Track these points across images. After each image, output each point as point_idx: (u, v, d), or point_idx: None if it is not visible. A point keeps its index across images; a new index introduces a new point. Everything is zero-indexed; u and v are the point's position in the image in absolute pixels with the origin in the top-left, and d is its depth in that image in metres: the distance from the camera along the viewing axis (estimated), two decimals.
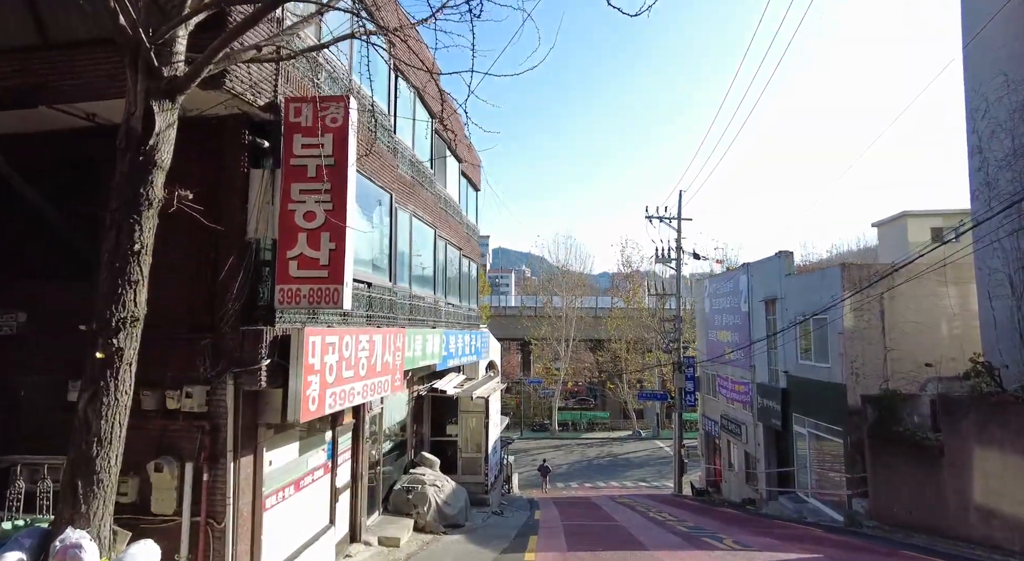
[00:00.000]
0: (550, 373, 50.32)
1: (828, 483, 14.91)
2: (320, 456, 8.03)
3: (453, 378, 15.03)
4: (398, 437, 11.95)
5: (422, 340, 10.96)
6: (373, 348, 7.90)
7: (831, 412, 14.04)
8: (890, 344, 13.36)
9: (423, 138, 12.49)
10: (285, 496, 6.88)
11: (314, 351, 6.19)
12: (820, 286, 14.66)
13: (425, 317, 11.89)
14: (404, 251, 10.75)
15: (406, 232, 10.85)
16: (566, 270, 52.96)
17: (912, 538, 10.14)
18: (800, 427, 16.04)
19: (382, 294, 9.07)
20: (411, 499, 10.67)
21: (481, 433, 13.87)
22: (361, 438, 9.30)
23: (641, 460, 38.07)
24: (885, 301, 13.46)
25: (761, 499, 18.57)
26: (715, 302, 23.76)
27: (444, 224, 14.00)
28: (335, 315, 7.43)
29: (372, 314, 8.62)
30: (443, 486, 11.48)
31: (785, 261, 17.18)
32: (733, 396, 21.30)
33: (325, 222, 5.95)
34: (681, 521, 13.12)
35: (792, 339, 16.09)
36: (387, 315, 9.26)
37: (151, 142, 4.56)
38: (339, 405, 6.84)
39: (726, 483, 23.10)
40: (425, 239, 12.33)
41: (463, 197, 17.24)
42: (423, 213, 11.88)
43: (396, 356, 8.92)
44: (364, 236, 8.62)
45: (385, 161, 9.29)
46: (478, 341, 17.40)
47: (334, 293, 5.89)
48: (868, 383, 13.25)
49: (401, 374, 9.10)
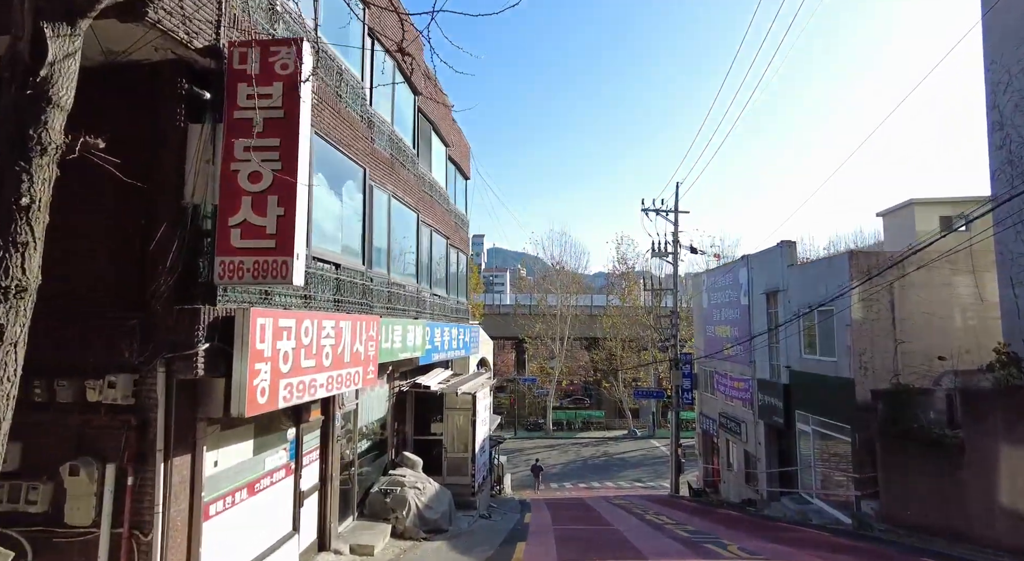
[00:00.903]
0: (544, 372, 49.56)
1: (833, 483, 14.18)
2: (281, 456, 7.20)
3: (439, 374, 14.21)
4: (377, 436, 11.12)
5: (402, 331, 10.14)
6: (340, 336, 7.08)
7: (838, 408, 13.30)
8: (900, 336, 12.62)
9: (406, 116, 11.66)
10: (235, 501, 6.05)
11: (263, 335, 5.36)
12: (826, 276, 13.92)
13: (406, 307, 11.06)
14: (382, 234, 9.92)
15: (384, 214, 10.02)
16: (561, 267, 52.13)
17: (931, 544, 9.39)
18: (804, 425, 15.31)
19: (353, 278, 8.24)
20: (389, 503, 9.85)
21: (468, 432, 13.05)
22: (331, 436, 8.47)
23: (637, 460, 37.32)
24: (895, 291, 12.73)
25: (762, 500, 17.82)
26: (713, 296, 23.02)
27: (429, 210, 13.18)
28: (295, 297, 6.60)
29: (341, 299, 7.79)
30: (425, 488, 10.66)
31: (788, 251, 16.45)
32: (732, 393, 20.56)
33: (273, 184, 5.11)
34: (680, 525, 12.34)
35: (795, 332, 15.35)
36: (360, 301, 8.43)
37: (43, 73, 3.70)
38: (297, 398, 6.01)
39: (724, 483, 22.36)
40: (407, 224, 11.50)
41: (451, 184, 16.41)
42: (404, 195, 11.06)
43: (369, 346, 8.10)
44: (332, 213, 7.79)
45: (357, 131, 8.47)
46: (466, 335, 16.58)
47: (282, 267, 5.06)
48: (878, 378, 12.51)
49: (375, 366, 8.28)
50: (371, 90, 9.52)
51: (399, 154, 10.81)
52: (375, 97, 9.82)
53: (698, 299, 25.94)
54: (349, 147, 8.14)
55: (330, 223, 7.67)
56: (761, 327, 17.69)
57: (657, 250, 26.61)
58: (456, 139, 16.72)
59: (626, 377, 46.73)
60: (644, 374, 46.75)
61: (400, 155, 10.87)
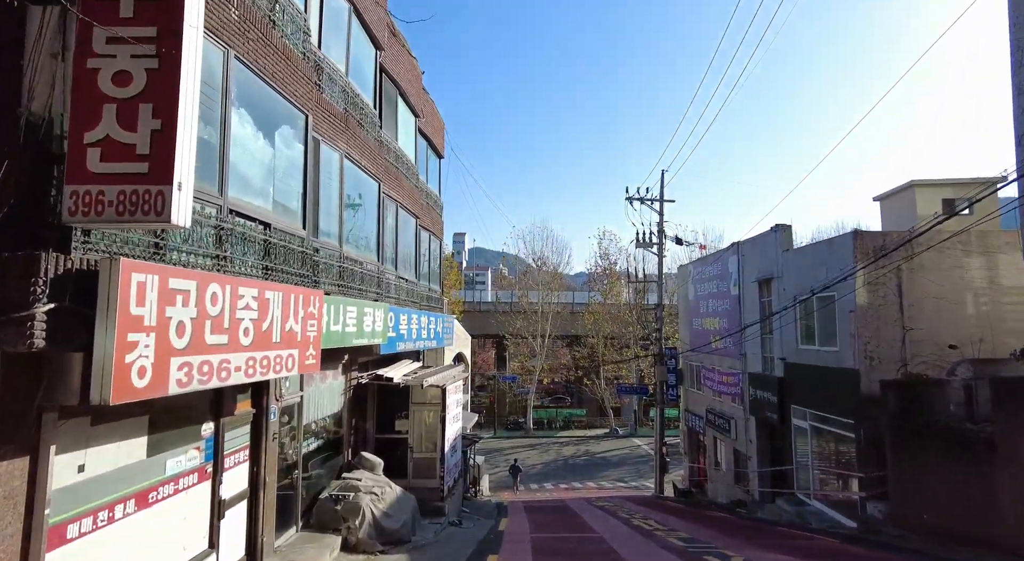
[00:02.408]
0: (526, 370, 48.33)
1: (834, 483, 13.15)
2: (192, 457, 5.82)
3: (406, 366, 12.86)
4: (329, 434, 9.75)
5: (357, 313, 8.79)
6: (267, 309, 5.72)
7: (840, 402, 12.26)
8: (909, 323, 11.61)
9: (364, 71, 10.30)
10: (114, 517, 4.66)
11: (142, 297, 3.99)
12: (827, 259, 12.87)
13: (364, 287, 9.71)
14: (331, 199, 8.57)
15: (335, 176, 8.67)
16: (542, 263, 50.91)
17: (955, 553, 8.32)
18: (800, 420, 14.27)
19: (289, 243, 6.88)
20: (340, 510, 8.49)
21: (437, 429, 11.72)
22: (265, 433, 7.09)
23: (619, 459, 36.28)
24: (903, 274, 11.71)
25: (753, 501, 16.78)
26: (700, 288, 21.97)
27: (394, 182, 11.83)
28: (204, 256, 5.24)
29: (272, 266, 6.43)
30: (384, 493, 9.31)
31: (783, 235, 15.41)
32: (720, 389, 19.52)
33: (147, 88, 3.76)
34: (671, 531, 11.15)
35: (791, 322, 14.30)
36: (299, 272, 7.07)
37: None
38: (200, 383, 4.64)
39: (712, 483, 21.32)
40: (365, 192, 10.15)
41: (422, 161, 15.07)
42: (362, 159, 9.70)
43: (309, 326, 6.74)
44: (260, 161, 6.43)
45: (297, 70, 7.10)
46: (439, 325, 15.24)
47: (156, 199, 3.71)
48: (884, 368, 11.48)
49: (317, 351, 6.93)
50: (320, 30, 8.16)
51: (355, 111, 9.45)
52: (326, 41, 8.47)
53: (684, 291, 24.89)
54: (285, 85, 6.78)
55: (257, 172, 6.30)
56: (752, 318, 16.64)
57: (641, 241, 25.53)
58: (428, 112, 15.38)
59: (608, 374, 45.71)
60: (626, 371, 45.82)
61: (357, 112, 9.51)
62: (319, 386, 9.08)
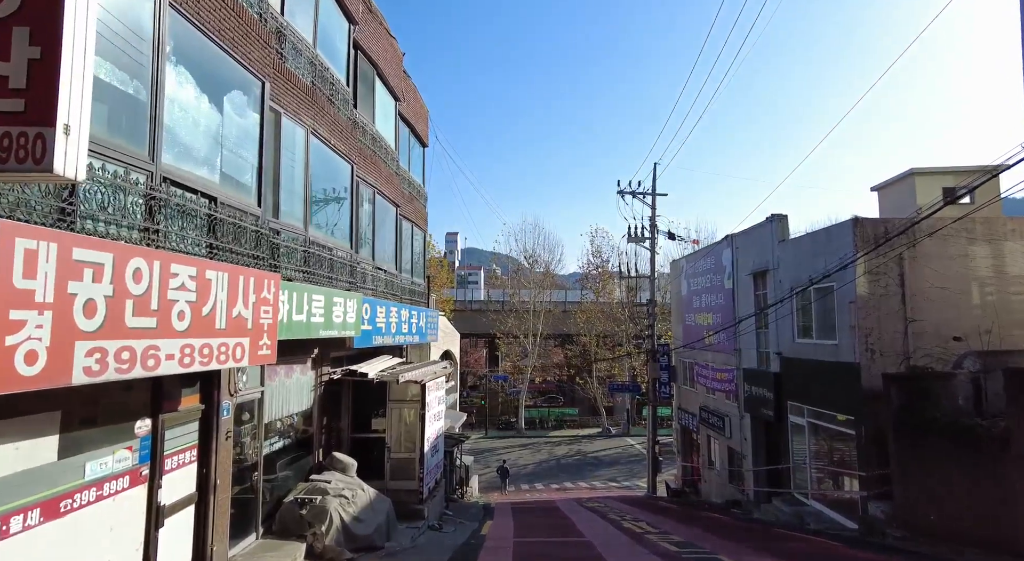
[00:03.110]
0: (518, 369, 47.66)
1: (833, 482, 12.61)
2: (121, 459, 5.15)
3: (384, 361, 12.20)
4: (297, 433, 9.08)
5: (325, 302, 8.14)
6: (208, 291, 5.06)
7: (839, 398, 11.71)
8: (912, 314, 11.08)
9: (336, 44, 9.64)
10: (9, 530, 3.99)
11: (32, 267, 3.34)
12: (825, 249, 12.32)
13: (334, 275, 9.05)
14: (295, 177, 7.91)
15: (299, 153, 8.02)
16: (534, 260, 50.25)
17: (963, 555, 7.77)
18: (797, 417, 13.72)
19: (241, 221, 6.22)
20: (305, 515, 7.83)
21: (417, 428, 11.07)
22: (216, 431, 6.42)
23: (611, 458, 35.72)
24: (905, 263, 11.18)
25: (748, 501, 16.23)
26: (693, 282, 21.42)
27: (370, 167, 11.17)
28: (129, 228, 4.58)
29: (218, 244, 5.77)
30: (355, 496, 8.66)
31: (779, 226, 14.86)
32: (714, 385, 18.97)
33: (22, 7, 3.10)
34: (664, 534, 10.55)
35: (788, 314, 13.75)
36: (252, 253, 6.41)
37: None
38: (116, 372, 3.99)
39: (706, 483, 20.77)
40: (336, 174, 9.50)
41: (403, 148, 14.42)
42: (332, 137, 9.05)
43: (263, 312, 6.09)
44: (205, 127, 5.76)
45: (251, 31, 6.44)
46: (422, 319, 14.60)
47: (35, 144, 3.05)
48: (886, 362, 10.94)
49: (272, 341, 6.28)
50: None
51: (324, 86, 8.79)
52: (290, 7, 7.81)
53: (676, 287, 24.34)
54: (236, 46, 6.11)
55: (200, 139, 5.64)
56: (747, 312, 16.10)
57: (633, 235, 24.94)
58: (410, 96, 14.73)
59: (600, 374, 45.17)
60: (619, 369, 45.31)
61: (326, 87, 8.85)
62: (284, 381, 8.42)
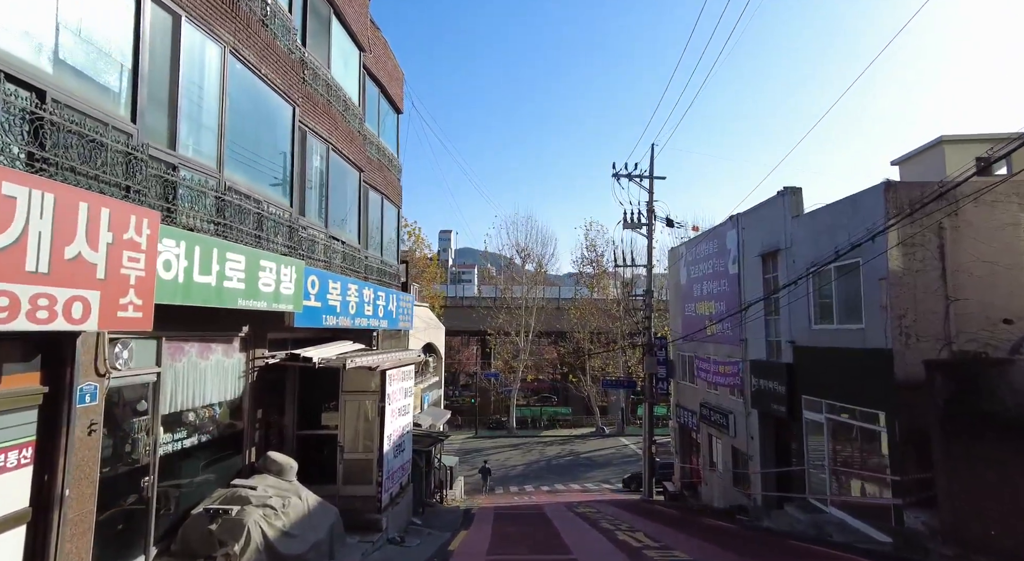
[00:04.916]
0: (510, 367, 46.03)
1: (857, 487, 11.04)
2: None
3: (342, 347, 10.54)
4: (220, 428, 7.42)
5: (247, 264, 6.50)
6: (10, 215, 3.43)
7: (866, 389, 10.15)
8: (953, 292, 9.52)
9: None
10: None
11: None
12: (849, 220, 10.75)
13: (264, 234, 7.41)
14: (204, 102, 6.25)
15: (212, 73, 6.36)
16: (527, 254, 48.60)
17: None
18: (814, 413, 12.15)
19: (100, 134, 4.57)
20: (215, 531, 6.17)
21: (375, 424, 9.43)
22: (68, 424, 4.75)
23: (605, 459, 34.15)
24: (946, 233, 9.63)
25: (756, 507, 14.66)
26: (694, 270, 19.84)
27: (323, 117, 9.53)
28: None
29: (46, 157, 4.11)
30: (288, 505, 7.01)
31: (792, 200, 13.29)
32: (717, 380, 17.39)
33: None
34: (665, 550, 8.94)
35: (803, 296, 12.18)
36: (115, 181, 4.76)
37: None
38: None
39: (707, 486, 19.18)
40: (268, 113, 7.84)
41: (372, 109, 12.78)
42: (264, 67, 7.40)
43: (127, 260, 4.45)
44: None
45: None
46: (391, 303, 12.95)
47: None
48: (923, 347, 9.38)
49: (145, 301, 4.64)
50: None
51: (255, 1, 7.14)
52: None
53: (675, 276, 22.75)
54: None
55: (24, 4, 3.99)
56: (755, 298, 14.52)
57: (630, 221, 23.33)
58: (380, 53, 13.08)
59: (594, 372, 43.59)
60: (613, 368, 43.77)
61: (257, 4, 7.20)
62: (195, 362, 6.75)
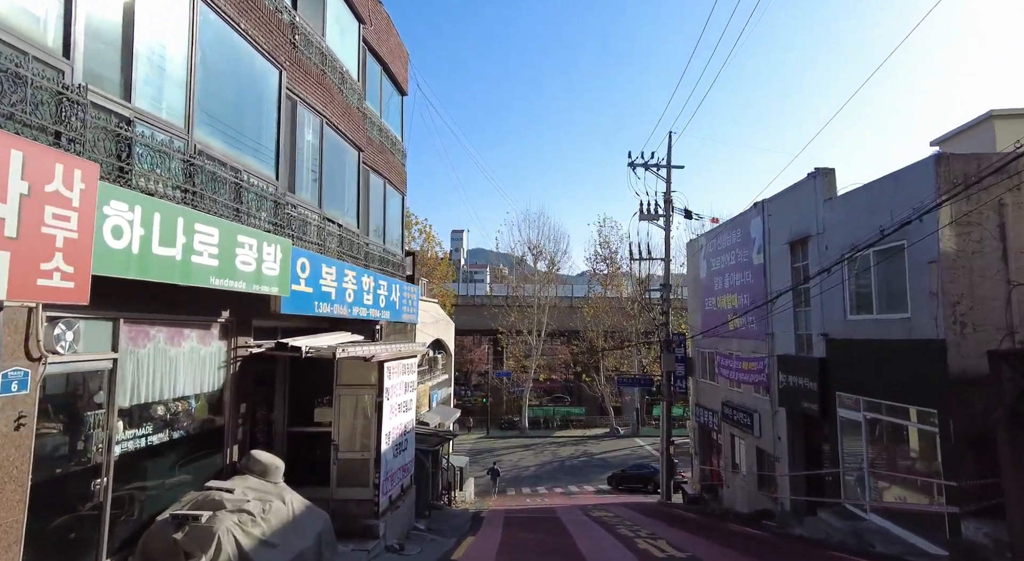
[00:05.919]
0: (522, 367, 45.16)
1: (901, 492, 10.06)
2: None
3: (338, 337, 9.77)
4: (196, 423, 6.67)
5: (221, 238, 5.75)
6: None
7: (914, 384, 9.17)
8: (1015, 276, 8.54)
9: None
10: None
11: None
12: (890, 200, 9.78)
13: (244, 206, 6.65)
14: (169, 56, 5.51)
15: (181, 24, 5.62)
16: (539, 251, 47.73)
17: None
18: (850, 411, 11.17)
19: (17, 65, 3.82)
20: (181, 540, 5.41)
21: (372, 420, 8.64)
22: None
23: (619, 460, 33.14)
24: (1007, 210, 8.63)
25: (783, 512, 13.70)
26: (715, 262, 18.86)
27: (317, 87, 8.79)
28: None
29: None
30: (268, 510, 6.24)
31: (825, 182, 12.30)
32: (740, 377, 16.42)
33: None
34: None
35: (837, 284, 11.20)
36: (39, 123, 4.01)
37: None
38: None
39: (728, 489, 18.21)
40: (250, 74, 7.10)
41: (373, 87, 12.04)
42: (242, 21, 6.65)
43: (51, 217, 3.70)
44: None
45: None
46: (395, 292, 12.19)
47: None
48: (981, 337, 8.40)
49: (79, 269, 3.89)
50: None
51: None
52: None
53: (693, 269, 21.77)
54: None
55: None
56: (782, 289, 13.55)
57: (646, 213, 22.40)
58: (382, 28, 12.34)
59: (608, 372, 42.57)
60: (627, 366, 42.72)
61: None
62: (164, 349, 6.01)
